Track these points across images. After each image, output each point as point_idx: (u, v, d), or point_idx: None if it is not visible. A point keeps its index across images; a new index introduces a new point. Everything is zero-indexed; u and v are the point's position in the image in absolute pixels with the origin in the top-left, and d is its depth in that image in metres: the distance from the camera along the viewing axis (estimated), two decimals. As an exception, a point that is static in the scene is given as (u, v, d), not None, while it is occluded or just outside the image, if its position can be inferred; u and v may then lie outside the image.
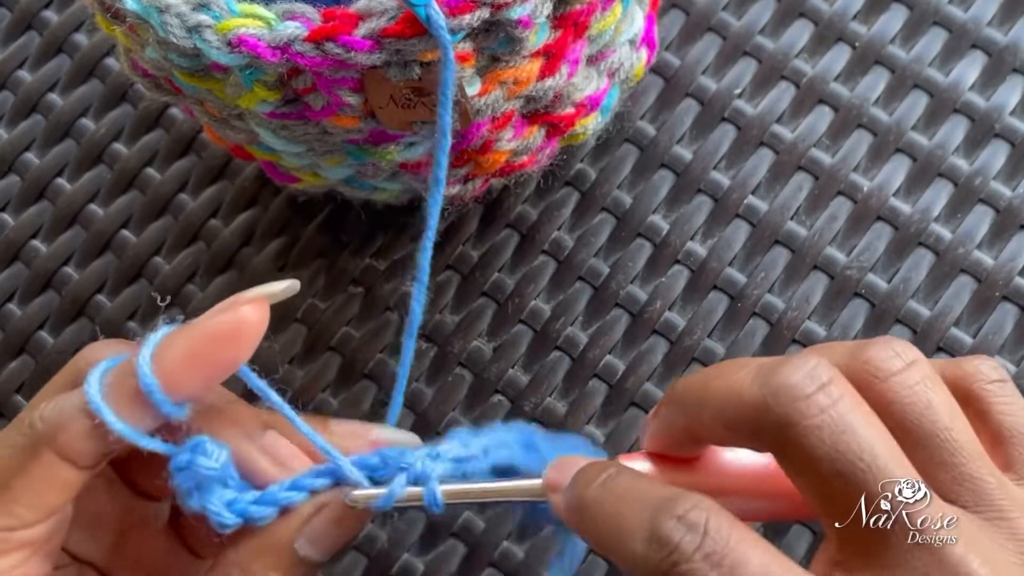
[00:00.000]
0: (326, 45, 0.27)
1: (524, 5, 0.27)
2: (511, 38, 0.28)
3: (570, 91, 0.33)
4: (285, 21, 0.27)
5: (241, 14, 0.27)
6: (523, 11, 0.27)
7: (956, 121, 0.40)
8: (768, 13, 0.41)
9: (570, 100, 0.34)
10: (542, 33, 0.29)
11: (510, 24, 0.28)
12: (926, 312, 0.38)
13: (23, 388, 0.40)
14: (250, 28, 0.27)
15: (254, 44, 0.27)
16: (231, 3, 0.28)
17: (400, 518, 0.37)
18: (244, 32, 0.27)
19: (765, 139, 0.40)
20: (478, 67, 0.29)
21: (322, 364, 0.39)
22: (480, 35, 0.28)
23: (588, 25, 0.31)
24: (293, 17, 0.27)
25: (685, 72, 0.41)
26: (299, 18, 0.27)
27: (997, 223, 0.38)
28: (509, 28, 0.28)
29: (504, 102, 0.31)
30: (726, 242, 0.39)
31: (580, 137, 0.36)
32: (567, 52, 0.31)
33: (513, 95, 0.31)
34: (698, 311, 0.38)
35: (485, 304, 0.39)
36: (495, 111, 0.31)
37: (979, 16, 0.40)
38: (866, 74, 0.40)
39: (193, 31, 0.27)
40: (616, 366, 0.38)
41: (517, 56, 0.29)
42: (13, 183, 0.42)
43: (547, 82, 0.31)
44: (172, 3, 0.27)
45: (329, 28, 0.27)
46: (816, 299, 0.38)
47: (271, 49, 0.27)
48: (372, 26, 0.27)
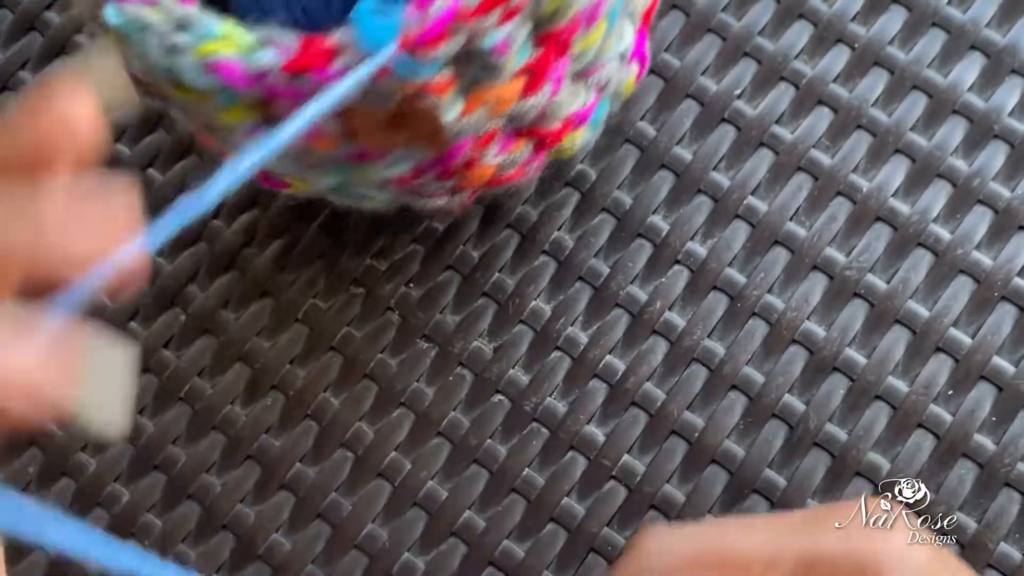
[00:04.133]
0: (301, 77, 0.26)
1: (497, 31, 0.27)
2: (488, 65, 0.28)
3: (555, 108, 0.33)
4: (262, 49, 0.27)
5: (220, 36, 0.27)
6: (497, 38, 0.27)
7: (955, 122, 0.40)
8: (768, 14, 0.41)
9: (556, 116, 0.33)
10: (523, 53, 0.29)
11: (485, 53, 0.27)
12: (925, 312, 0.38)
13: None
14: (226, 53, 0.27)
15: (229, 71, 0.27)
16: (211, 24, 0.27)
17: (400, 517, 0.37)
18: (220, 57, 0.27)
19: (765, 140, 0.40)
20: (460, 88, 0.29)
21: (323, 364, 0.39)
22: (459, 62, 0.28)
23: (571, 43, 0.31)
24: (271, 44, 0.27)
25: (685, 73, 0.41)
26: (276, 46, 0.27)
27: (996, 224, 0.38)
28: (484, 56, 0.27)
29: (487, 120, 0.31)
30: (726, 242, 0.39)
31: (568, 152, 0.35)
32: (550, 71, 0.31)
33: (496, 114, 0.31)
34: (698, 311, 0.38)
35: (485, 304, 0.39)
36: (478, 129, 0.31)
37: (978, 17, 0.41)
38: (865, 75, 0.40)
39: (170, 52, 0.27)
40: (616, 366, 0.38)
41: (498, 77, 0.29)
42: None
43: (530, 100, 0.31)
44: (152, 21, 0.27)
45: (304, 60, 0.26)
46: (815, 299, 0.38)
47: (246, 77, 0.27)
48: (347, 60, 0.26)
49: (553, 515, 0.37)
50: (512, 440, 0.38)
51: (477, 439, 0.38)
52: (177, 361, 0.39)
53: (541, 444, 0.37)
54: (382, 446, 0.38)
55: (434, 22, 0.26)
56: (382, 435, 0.38)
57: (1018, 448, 0.36)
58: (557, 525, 0.37)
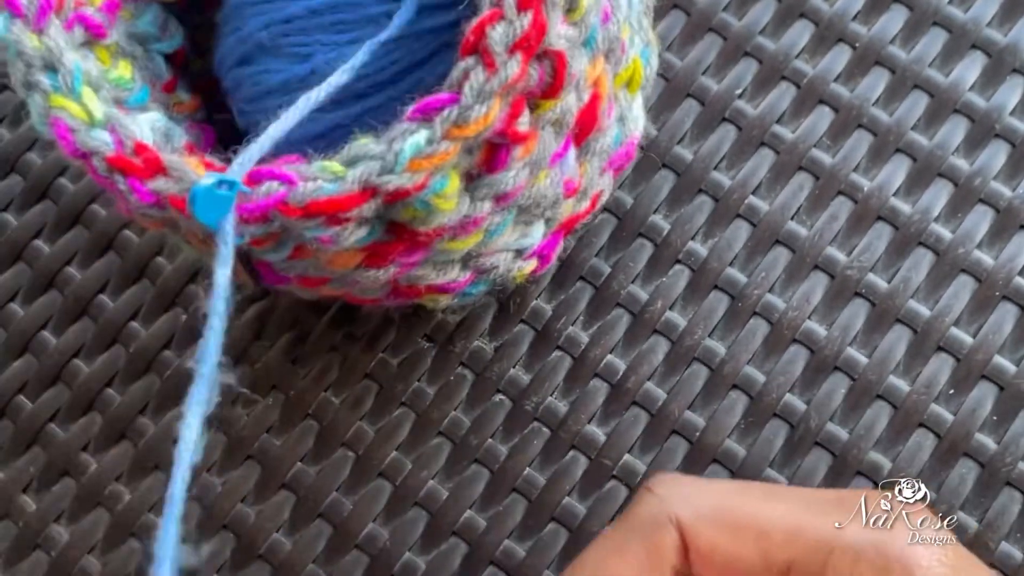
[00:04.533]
0: (115, 177, 0.26)
1: (320, 231, 0.26)
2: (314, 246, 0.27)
3: (415, 279, 0.31)
4: (100, 130, 0.26)
5: (76, 95, 0.26)
6: (320, 233, 0.26)
7: (956, 121, 0.40)
8: (769, 13, 0.41)
9: (417, 283, 0.32)
10: (364, 239, 0.28)
11: (310, 240, 0.27)
12: (926, 312, 0.38)
13: (25, 388, 0.40)
14: (69, 117, 0.26)
15: (62, 135, 0.26)
16: (78, 76, 0.27)
17: (401, 517, 0.37)
18: (63, 117, 0.26)
19: (766, 139, 0.40)
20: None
21: (324, 364, 0.39)
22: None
23: (428, 244, 0.29)
24: (114, 130, 0.26)
25: (686, 72, 0.41)
26: (117, 134, 0.26)
27: (997, 223, 0.38)
28: (311, 242, 0.27)
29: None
30: (727, 242, 0.39)
31: (431, 306, 0.35)
32: (396, 257, 0.29)
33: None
34: (699, 311, 0.38)
35: (487, 304, 0.39)
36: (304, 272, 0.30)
37: (979, 16, 0.41)
38: (866, 74, 0.40)
39: (27, 87, 0.26)
40: (617, 366, 0.38)
41: (326, 252, 0.28)
42: (16, 183, 0.42)
43: (374, 273, 0.30)
44: (25, 49, 0.26)
45: (123, 164, 0.26)
46: (816, 299, 0.38)
47: (73, 148, 0.26)
48: (162, 187, 0.26)
49: (554, 514, 0.37)
50: (513, 440, 0.38)
51: (478, 439, 0.38)
52: (177, 362, 0.39)
53: (542, 444, 0.37)
54: (383, 446, 0.38)
55: (255, 205, 0.25)
56: (383, 435, 0.38)
57: (1019, 447, 0.36)
58: (558, 524, 0.37)
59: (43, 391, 0.40)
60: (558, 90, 0.27)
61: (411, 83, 0.29)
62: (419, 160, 0.25)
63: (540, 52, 0.26)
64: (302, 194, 0.25)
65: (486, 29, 0.25)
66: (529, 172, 0.29)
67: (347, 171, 0.25)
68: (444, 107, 0.25)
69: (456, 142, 0.25)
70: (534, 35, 0.25)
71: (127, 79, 0.30)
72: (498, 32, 0.25)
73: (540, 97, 0.27)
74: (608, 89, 0.31)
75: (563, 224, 0.35)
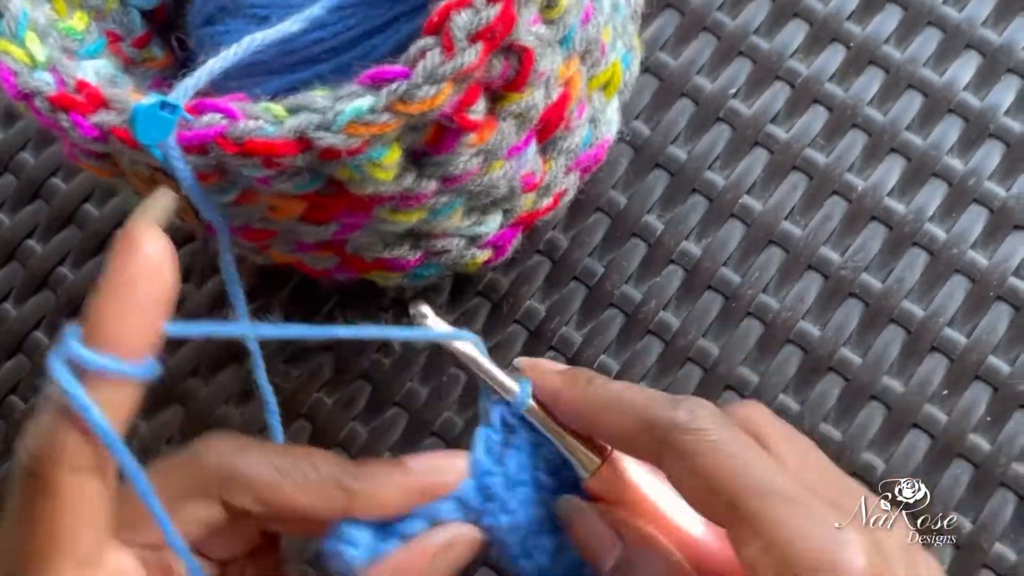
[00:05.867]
0: (58, 115, 0.26)
1: (256, 171, 0.26)
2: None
3: (359, 247, 0.32)
4: (43, 71, 0.27)
5: (19, 40, 0.27)
6: (256, 174, 0.27)
7: (950, 121, 0.40)
8: (763, 13, 0.41)
9: (363, 254, 0.32)
10: (302, 187, 0.28)
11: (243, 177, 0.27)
12: (920, 312, 0.38)
13: (18, 387, 0.40)
14: (12, 61, 0.27)
15: (5, 76, 0.27)
16: (23, 22, 0.27)
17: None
18: (5, 61, 0.27)
19: (760, 139, 0.40)
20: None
21: (317, 363, 0.39)
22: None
23: (369, 209, 0.30)
24: (56, 71, 0.27)
25: (680, 72, 0.41)
26: (59, 75, 0.27)
27: (991, 223, 0.38)
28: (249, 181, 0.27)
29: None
30: (720, 242, 0.39)
31: (381, 281, 0.35)
32: (338, 214, 0.30)
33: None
34: (692, 311, 0.38)
35: (480, 304, 0.39)
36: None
37: (973, 16, 0.40)
38: (860, 74, 0.40)
39: None
40: (610, 366, 0.38)
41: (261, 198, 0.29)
42: (8, 183, 0.42)
43: (315, 228, 0.31)
44: None
45: (67, 100, 0.26)
46: (810, 299, 0.38)
47: (15, 90, 0.27)
48: (104, 119, 0.26)
49: (547, 515, 0.37)
50: (506, 440, 0.37)
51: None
52: (171, 360, 0.39)
53: (535, 444, 0.37)
54: (376, 446, 0.38)
55: (194, 134, 0.26)
56: (376, 435, 0.38)
57: (1013, 448, 0.36)
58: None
59: (37, 391, 0.40)
60: (521, 85, 0.27)
61: (366, 49, 0.30)
62: (357, 125, 0.25)
63: (506, 45, 0.26)
64: (241, 130, 0.25)
65: (451, 13, 0.25)
66: (483, 160, 0.29)
67: (287, 118, 0.26)
68: (394, 80, 0.25)
69: (399, 117, 0.25)
70: (500, 28, 0.25)
71: (78, 30, 0.30)
72: (463, 18, 0.25)
73: (502, 89, 0.27)
74: (581, 90, 0.32)
75: (522, 218, 0.35)
